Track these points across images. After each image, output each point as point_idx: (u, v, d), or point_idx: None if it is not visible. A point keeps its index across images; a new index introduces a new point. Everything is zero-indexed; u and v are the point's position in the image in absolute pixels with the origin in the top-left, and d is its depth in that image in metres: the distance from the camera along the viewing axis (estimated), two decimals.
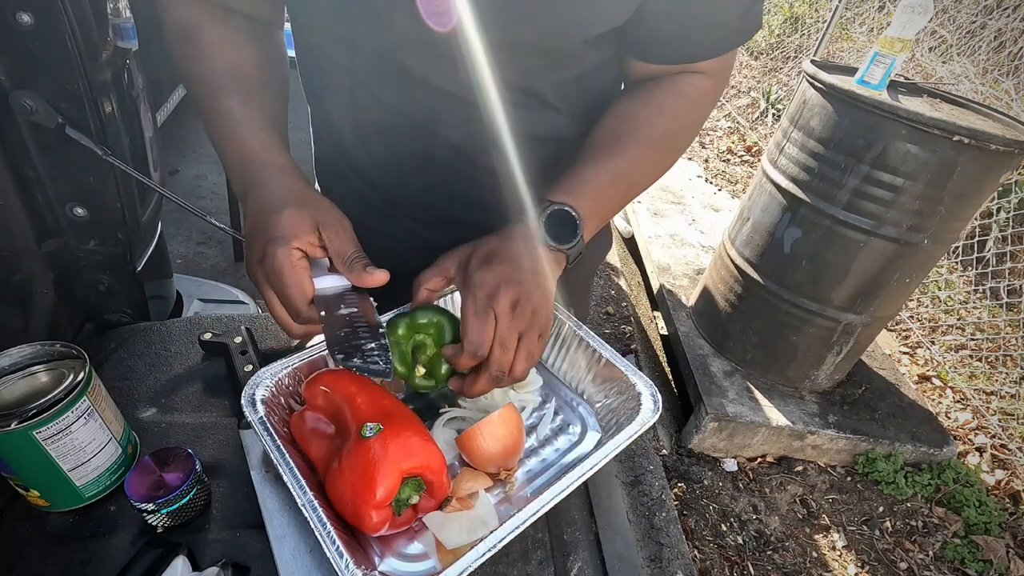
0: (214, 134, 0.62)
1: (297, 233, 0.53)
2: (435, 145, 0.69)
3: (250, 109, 0.61)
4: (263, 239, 0.53)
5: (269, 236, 0.52)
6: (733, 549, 1.65)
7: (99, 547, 0.55)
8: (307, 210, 0.54)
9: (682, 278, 2.47)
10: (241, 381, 0.68)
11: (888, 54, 1.49)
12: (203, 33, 0.62)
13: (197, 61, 0.62)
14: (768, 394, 1.90)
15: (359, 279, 0.55)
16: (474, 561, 0.48)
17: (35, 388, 0.55)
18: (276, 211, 0.53)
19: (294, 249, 0.52)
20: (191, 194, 2.88)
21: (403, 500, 0.52)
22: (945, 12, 3.81)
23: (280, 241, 0.52)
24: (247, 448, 0.63)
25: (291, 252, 0.52)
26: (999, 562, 1.68)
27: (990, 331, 2.65)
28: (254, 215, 0.55)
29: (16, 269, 0.76)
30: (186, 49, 0.63)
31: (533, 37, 0.58)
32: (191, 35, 0.62)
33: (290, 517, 0.57)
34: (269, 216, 0.53)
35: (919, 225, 1.54)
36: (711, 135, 4.44)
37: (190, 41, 0.62)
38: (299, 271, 0.53)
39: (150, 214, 1.03)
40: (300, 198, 0.56)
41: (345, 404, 0.57)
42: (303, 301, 0.53)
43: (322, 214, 0.55)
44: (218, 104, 0.60)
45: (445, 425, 0.67)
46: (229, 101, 0.60)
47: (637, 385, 0.67)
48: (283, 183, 0.57)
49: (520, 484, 0.63)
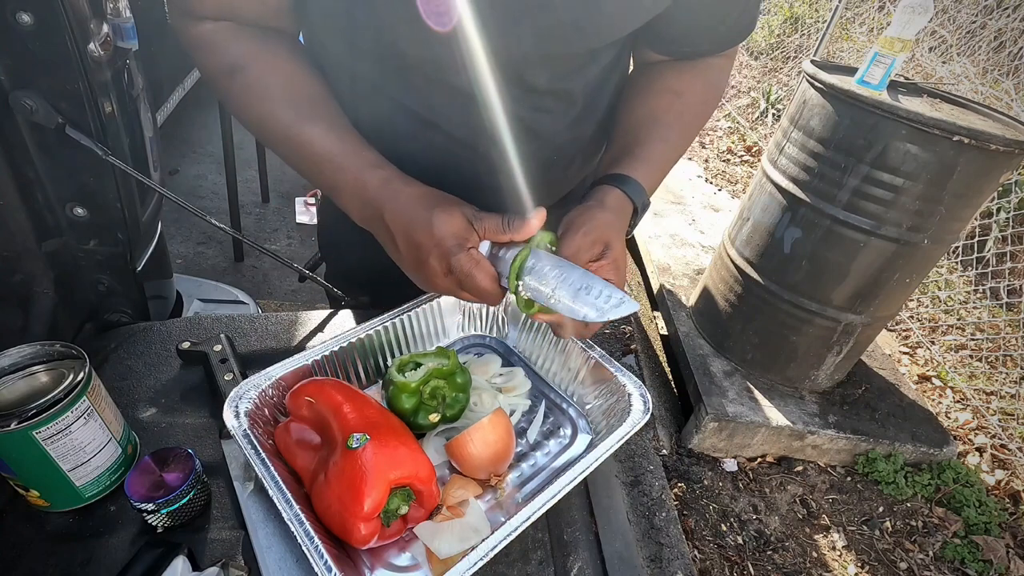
0: (305, 166, 0.62)
1: (462, 234, 0.55)
2: (435, 137, 0.69)
3: (337, 131, 0.61)
4: (438, 252, 0.55)
5: (444, 248, 0.55)
6: (733, 549, 1.65)
7: (99, 547, 0.55)
8: (449, 207, 0.56)
9: (682, 278, 2.47)
10: (222, 390, 0.67)
11: (888, 54, 1.49)
12: (255, 65, 0.60)
13: (255, 95, 0.60)
14: (768, 394, 1.90)
15: (525, 231, 0.56)
16: (466, 570, 0.47)
17: (35, 388, 0.55)
18: (429, 224, 0.55)
19: (470, 250, 0.55)
20: (191, 194, 2.88)
21: (392, 511, 0.52)
22: (945, 12, 3.81)
23: (457, 249, 0.55)
24: (229, 458, 0.63)
25: (470, 254, 0.55)
26: (999, 562, 1.68)
27: (990, 331, 2.65)
28: (405, 232, 0.57)
29: (16, 269, 0.76)
30: (239, 85, 0.60)
31: (534, 42, 0.59)
32: (242, 70, 0.60)
33: (275, 527, 0.56)
34: (425, 230, 0.55)
35: (919, 225, 1.54)
36: (711, 135, 4.43)
37: (243, 74, 0.60)
38: (483, 265, 0.56)
39: (150, 214, 1.03)
40: (434, 199, 0.57)
41: (331, 414, 0.56)
42: (496, 285, 0.57)
43: (460, 206, 0.58)
44: (301, 136, 0.60)
45: (435, 433, 0.67)
46: (312, 130, 0.60)
47: (627, 386, 0.67)
48: (411, 193, 0.58)
49: (511, 489, 0.63)
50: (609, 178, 0.65)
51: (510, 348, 0.82)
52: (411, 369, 0.65)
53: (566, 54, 0.63)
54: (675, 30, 0.66)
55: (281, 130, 0.61)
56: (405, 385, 0.62)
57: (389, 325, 0.73)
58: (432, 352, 0.68)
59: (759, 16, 0.69)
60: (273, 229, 2.78)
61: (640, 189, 0.65)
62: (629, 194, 0.64)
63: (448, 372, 0.65)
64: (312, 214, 2.84)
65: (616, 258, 0.60)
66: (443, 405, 0.65)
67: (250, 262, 2.54)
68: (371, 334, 0.71)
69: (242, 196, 2.68)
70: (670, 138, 0.70)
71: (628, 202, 0.64)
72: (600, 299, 0.54)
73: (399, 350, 0.75)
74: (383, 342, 0.73)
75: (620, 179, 0.64)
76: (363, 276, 0.94)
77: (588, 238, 0.58)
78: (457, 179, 0.73)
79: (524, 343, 0.80)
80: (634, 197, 0.64)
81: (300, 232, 2.78)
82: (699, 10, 0.63)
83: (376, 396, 0.70)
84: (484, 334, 0.83)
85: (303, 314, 0.87)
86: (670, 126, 0.70)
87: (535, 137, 0.70)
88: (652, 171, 0.67)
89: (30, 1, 0.65)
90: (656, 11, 0.59)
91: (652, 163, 0.68)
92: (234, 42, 0.60)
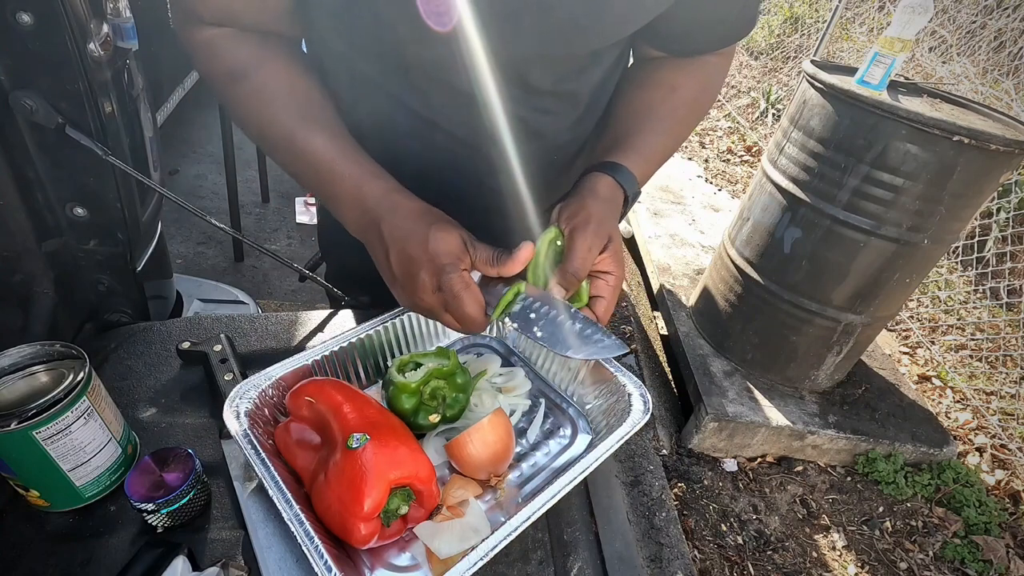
0: (305, 174, 0.62)
1: (457, 254, 0.55)
2: (435, 137, 0.69)
3: (338, 141, 0.61)
4: (431, 268, 0.55)
5: (437, 264, 0.54)
6: (733, 549, 1.65)
7: (99, 547, 0.55)
8: (448, 226, 0.56)
9: (682, 278, 2.47)
10: (222, 390, 0.67)
11: (888, 54, 1.49)
12: (257, 72, 0.60)
13: (257, 102, 0.60)
14: (768, 394, 1.90)
15: (512, 267, 0.56)
16: (466, 570, 0.47)
17: (35, 388, 0.55)
18: (425, 239, 0.55)
19: (463, 272, 0.55)
20: (191, 194, 2.88)
21: (392, 511, 0.52)
22: (945, 12, 3.81)
23: (450, 268, 0.54)
24: (229, 458, 0.63)
25: (462, 276, 0.55)
26: (999, 562, 1.68)
27: (990, 331, 2.65)
28: (400, 244, 0.56)
29: (16, 269, 0.76)
30: (243, 91, 0.60)
31: (535, 42, 0.59)
32: (246, 75, 0.60)
33: (275, 527, 0.56)
34: (421, 243, 0.55)
35: (919, 225, 1.54)
36: (711, 135, 4.43)
37: (246, 81, 0.60)
38: (473, 291, 0.55)
39: (150, 214, 1.03)
40: (433, 217, 0.57)
41: (331, 414, 0.56)
42: (483, 313, 0.57)
43: (458, 228, 0.57)
44: (302, 144, 0.60)
45: (435, 433, 0.67)
46: (314, 138, 0.60)
47: (627, 386, 0.67)
48: (410, 207, 0.58)
49: (511, 489, 0.63)
50: (601, 165, 0.65)
51: (510, 348, 0.82)
52: (411, 369, 0.65)
53: (568, 55, 0.62)
54: (674, 28, 0.66)
55: (282, 137, 0.61)
56: (405, 385, 0.62)
57: (389, 325, 0.73)
58: (432, 352, 0.68)
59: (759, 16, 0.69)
60: (273, 229, 2.78)
61: (632, 178, 0.65)
62: (621, 182, 0.64)
63: (448, 372, 0.65)
64: (312, 214, 2.84)
65: (616, 250, 0.61)
66: (443, 405, 0.65)
67: (250, 262, 2.54)
68: (371, 334, 0.71)
69: (242, 196, 2.68)
70: (663, 131, 0.70)
71: (620, 190, 0.64)
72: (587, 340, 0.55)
73: (399, 350, 0.75)
74: (383, 342, 0.73)
75: (612, 167, 0.64)
76: (363, 276, 0.94)
77: (597, 237, 0.58)
78: (457, 179, 0.73)
79: (524, 343, 0.80)
80: (626, 186, 0.64)
81: (300, 232, 2.78)
82: (699, 9, 0.63)
83: (376, 396, 0.70)
84: (484, 334, 0.83)
85: (303, 314, 0.87)
86: (663, 119, 0.70)
87: (537, 138, 0.70)
88: (644, 161, 0.68)
89: (30, 1, 0.65)
90: (658, 11, 0.59)
91: (644, 154, 0.68)
92: (236, 48, 0.60)
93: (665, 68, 0.72)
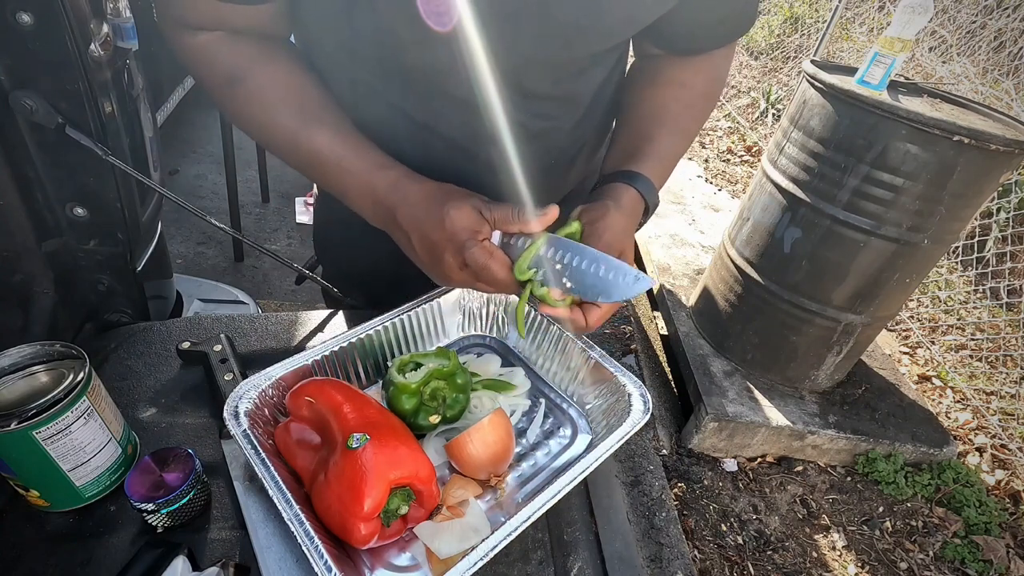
0: (313, 171, 0.63)
1: (475, 227, 0.56)
2: (434, 142, 0.69)
3: (342, 135, 0.61)
4: (453, 248, 0.56)
5: (458, 243, 0.56)
6: (733, 549, 1.65)
7: (99, 547, 0.55)
8: (460, 202, 0.57)
9: (682, 278, 2.47)
10: (222, 390, 0.67)
11: (888, 54, 1.49)
12: (254, 74, 0.59)
13: (257, 104, 0.60)
14: (768, 394, 1.90)
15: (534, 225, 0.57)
16: (466, 570, 0.47)
17: (35, 388, 0.55)
18: (441, 221, 0.56)
19: (483, 242, 0.56)
20: (191, 194, 2.88)
21: (392, 511, 0.52)
22: (945, 12, 3.81)
23: (470, 243, 0.55)
24: (229, 458, 0.63)
25: (483, 246, 0.56)
26: (999, 562, 1.67)
27: (990, 331, 2.65)
28: (419, 231, 0.58)
29: (16, 269, 0.75)
30: (239, 95, 0.60)
31: (534, 45, 0.58)
32: (242, 80, 0.59)
33: (275, 527, 0.56)
34: (438, 227, 0.56)
35: (919, 225, 1.54)
36: (711, 135, 4.43)
37: (243, 84, 0.59)
38: (497, 256, 0.57)
39: (150, 214, 1.03)
40: (444, 195, 0.58)
41: (331, 414, 0.56)
42: (510, 274, 0.58)
43: (470, 198, 0.58)
44: (307, 142, 0.60)
45: (435, 433, 0.67)
46: (318, 136, 0.60)
47: (627, 386, 0.67)
48: (420, 191, 0.59)
49: (511, 489, 0.63)
50: (622, 175, 0.65)
51: (510, 348, 0.82)
52: (411, 370, 0.65)
53: (567, 58, 0.62)
54: (676, 28, 0.66)
55: (286, 138, 0.61)
56: (405, 386, 0.62)
57: (389, 325, 0.73)
58: (432, 353, 0.68)
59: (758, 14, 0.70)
60: (273, 229, 2.78)
61: (652, 187, 0.65)
62: (643, 193, 0.64)
63: (448, 373, 0.65)
64: (311, 214, 2.84)
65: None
66: (443, 406, 0.65)
67: (250, 262, 2.54)
68: (371, 334, 0.71)
69: (242, 196, 2.68)
70: (678, 130, 0.71)
71: (642, 202, 0.64)
72: (615, 278, 0.55)
73: (399, 350, 0.75)
74: (383, 342, 0.73)
75: (633, 177, 0.65)
76: (357, 276, 0.94)
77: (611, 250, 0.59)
78: (456, 183, 0.73)
79: (524, 343, 0.80)
80: (647, 196, 0.65)
81: (300, 232, 2.78)
82: (701, 10, 0.63)
83: (376, 396, 0.70)
84: (484, 334, 0.83)
85: (303, 314, 0.87)
86: (678, 117, 0.71)
87: (536, 142, 0.70)
88: (662, 166, 0.68)
89: (30, 1, 0.65)
90: (660, 12, 0.59)
91: (662, 159, 0.68)
92: (231, 51, 0.59)
93: (673, 65, 0.72)
